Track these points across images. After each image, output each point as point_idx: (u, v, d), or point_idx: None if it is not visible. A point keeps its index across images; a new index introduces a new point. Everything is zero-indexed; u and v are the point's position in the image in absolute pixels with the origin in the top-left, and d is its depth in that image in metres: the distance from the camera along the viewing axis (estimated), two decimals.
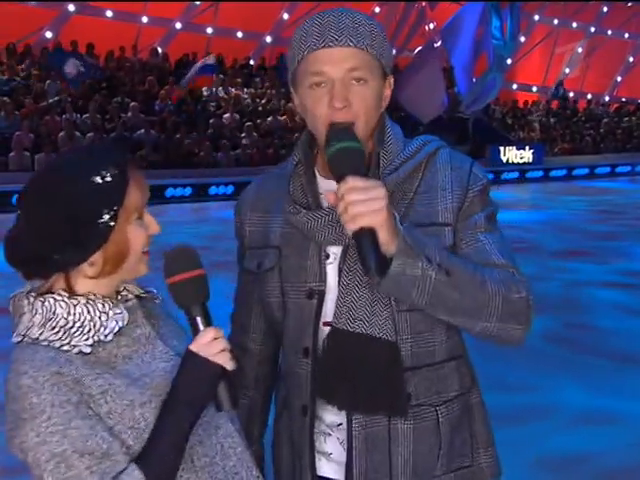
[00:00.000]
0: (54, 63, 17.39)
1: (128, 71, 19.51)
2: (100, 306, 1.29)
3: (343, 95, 1.38)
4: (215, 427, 1.36)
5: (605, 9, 30.72)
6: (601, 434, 4.11)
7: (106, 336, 1.27)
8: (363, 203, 1.25)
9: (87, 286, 1.30)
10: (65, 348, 1.24)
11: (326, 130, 1.39)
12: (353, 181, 1.27)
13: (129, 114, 17.48)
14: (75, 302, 1.28)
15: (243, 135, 18.44)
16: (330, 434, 1.49)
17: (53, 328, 1.25)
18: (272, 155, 17.66)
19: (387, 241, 1.28)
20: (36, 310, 1.26)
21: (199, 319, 1.30)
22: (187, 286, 1.30)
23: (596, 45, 31.83)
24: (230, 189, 16.06)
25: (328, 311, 1.46)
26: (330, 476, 1.51)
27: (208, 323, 1.30)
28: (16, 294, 1.32)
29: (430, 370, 1.47)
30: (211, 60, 18.90)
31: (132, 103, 17.70)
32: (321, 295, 1.46)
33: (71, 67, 16.79)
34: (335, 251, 1.47)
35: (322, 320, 1.46)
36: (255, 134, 18.60)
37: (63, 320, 1.26)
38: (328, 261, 1.47)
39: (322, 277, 1.46)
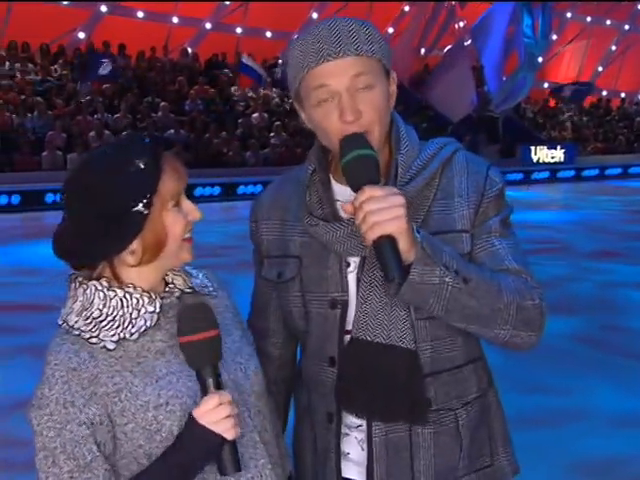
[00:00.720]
0: (90, 67, 17.67)
1: (159, 71, 19.70)
2: (135, 302, 1.30)
3: (353, 107, 1.35)
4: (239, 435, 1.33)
5: None
6: (636, 437, 4.03)
7: (132, 334, 1.28)
8: (382, 211, 1.25)
9: (131, 274, 1.32)
10: (93, 341, 1.27)
11: (339, 142, 1.37)
12: (370, 190, 1.27)
13: (159, 114, 17.66)
14: (112, 294, 1.30)
15: (272, 134, 18.49)
16: (348, 434, 1.49)
17: (87, 318, 1.29)
18: (301, 154, 17.68)
19: (407, 249, 1.28)
20: (77, 297, 1.31)
21: (210, 381, 1.27)
22: (201, 347, 1.27)
23: (630, 43, 31.34)
24: (259, 188, 16.11)
25: (351, 320, 1.46)
26: (347, 476, 1.50)
27: (217, 386, 1.27)
28: (71, 274, 1.36)
29: (449, 375, 1.47)
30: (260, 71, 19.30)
31: (162, 103, 17.88)
32: (344, 305, 1.46)
33: (105, 69, 17.17)
34: (356, 259, 1.46)
35: (346, 328, 1.46)
36: (284, 133, 18.65)
37: (97, 312, 1.29)
38: (349, 269, 1.47)
39: (344, 287, 1.46)
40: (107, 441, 1.26)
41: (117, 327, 1.28)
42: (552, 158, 22.90)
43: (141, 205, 1.27)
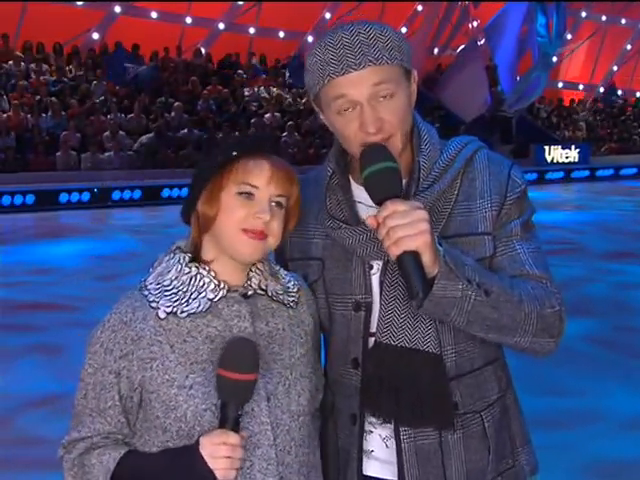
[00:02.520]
0: (114, 68, 17.80)
1: (172, 71, 19.76)
2: (200, 284, 1.36)
3: (374, 117, 1.35)
4: (254, 444, 1.34)
5: None
6: None
7: (183, 312, 1.34)
8: (406, 227, 1.25)
9: (211, 255, 1.40)
10: (153, 305, 1.35)
11: (359, 152, 1.37)
12: (393, 205, 1.27)
13: (172, 114, 17.71)
14: (187, 270, 1.38)
15: (284, 134, 18.51)
16: (372, 431, 1.49)
17: (158, 284, 1.38)
18: (313, 154, 17.68)
19: (430, 263, 1.28)
20: (162, 262, 1.41)
21: (230, 418, 1.28)
22: (235, 386, 1.28)
23: None
24: None
25: (375, 322, 1.45)
26: (369, 474, 1.50)
27: (234, 427, 1.28)
28: (175, 242, 1.47)
29: (472, 377, 1.47)
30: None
31: (176, 103, 17.93)
32: (368, 307, 1.46)
33: (130, 75, 17.48)
34: (379, 262, 1.46)
35: (370, 331, 1.46)
36: (296, 134, 18.66)
37: (168, 281, 1.37)
38: (372, 271, 1.47)
39: (368, 289, 1.46)
40: (130, 396, 1.35)
41: (175, 300, 1.35)
42: (566, 158, 22.75)
43: (211, 170, 1.36)
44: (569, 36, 27.82)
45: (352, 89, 1.35)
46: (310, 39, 24.97)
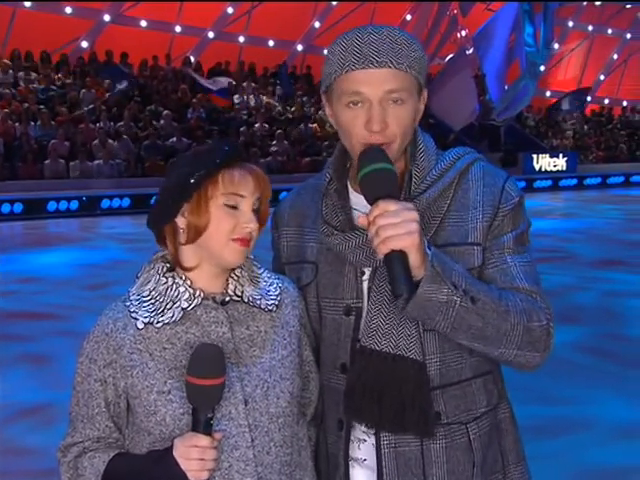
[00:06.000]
0: (107, 75, 17.73)
1: (161, 80, 19.74)
2: (175, 294, 1.40)
3: (381, 117, 1.37)
4: (232, 446, 1.37)
5: None
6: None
7: (158, 322, 1.38)
8: (395, 226, 1.26)
9: (190, 263, 1.43)
10: (133, 315, 1.40)
11: (360, 151, 1.38)
12: (384, 204, 1.27)
13: (162, 122, 17.68)
14: (163, 281, 1.42)
15: (274, 143, 18.52)
16: (365, 440, 1.48)
17: (139, 295, 1.43)
18: (302, 162, 17.71)
19: (417, 265, 1.28)
20: (144, 272, 1.46)
21: (201, 422, 1.31)
22: (202, 392, 1.31)
23: (632, 52, 31.38)
24: None
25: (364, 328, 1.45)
26: None
27: (206, 430, 1.31)
28: (156, 252, 1.50)
29: (458, 388, 1.46)
30: (224, 84, 19.00)
31: (165, 111, 17.90)
32: (358, 312, 1.46)
33: (122, 84, 17.37)
34: (370, 269, 1.46)
35: (359, 336, 1.46)
36: (285, 142, 18.67)
37: (147, 292, 1.42)
38: (364, 277, 1.47)
39: (359, 294, 1.46)
40: (117, 402, 1.41)
41: (152, 311, 1.39)
42: (554, 166, 22.89)
43: (193, 180, 1.36)
44: (556, 45, 28.04)
45: (366, 87, 1.37)
46: (300, 48, 25.05)
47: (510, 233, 1.46)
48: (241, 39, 24.36)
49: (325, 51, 1.47)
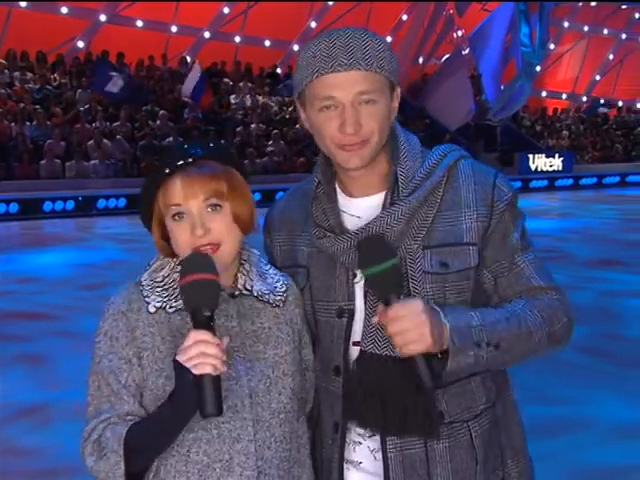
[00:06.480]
0: (97, 77, 17.38)
1: (157, 80, 19.71)
2: None
3: (354, 119, 1.37)
4: (234, 439, 1.37)
5: (637, 15, 30.32)
6: (638, 447, 4.00)
7: (171, 307, 1.39)
8: (408, 333, 1.29)
9: None
10: (147, 300, 1.40)
11: (336, 151, 1.41)
12: (393, 312, 1.30)
13: (158, 122, 17.65)
14: (178, 268, 1.41)
15: (270, 143, 18.50)
16: (361, 443, 1.48)
17: (152, 280, 1.44)
18: (298, 163, 17.69)
19: (438, 348, 1.33)
20: (159, 259, 1.47)
21: (200, 323, 1.29)
22: (196, 286, 1.29)
23: (627, 52, 31.45)
24: (257, 197, 15.93)
25: (357, 330, 1.46)
26: None
27: (206, 327, 1.29)
28: None
29: (459, 386, 1.47)
30: (198, 73, 18.32)
31: (161, 111, 17.87)
32: (350, 314, 1.47)
33: (116, 86, 16.88)
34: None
35: (352, 339, 1.47)
36: (282, 142, 18.66)
37: (161, 277, 1.44)
38: (356, 280, 1.47)
39: (351, 296, 1.47)
40: (137, 381, 1.38)
41: (165, 296, 1.40)
42: (550, 166, 22.93)
43: (145, 199, 1.43)
44: (552, 45, 28.09)
45: (338, 91, 1.37)
46: (296, 48, 25.04)
47: (515, 232, 1.47)
48: (237, 39, 24.33)
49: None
